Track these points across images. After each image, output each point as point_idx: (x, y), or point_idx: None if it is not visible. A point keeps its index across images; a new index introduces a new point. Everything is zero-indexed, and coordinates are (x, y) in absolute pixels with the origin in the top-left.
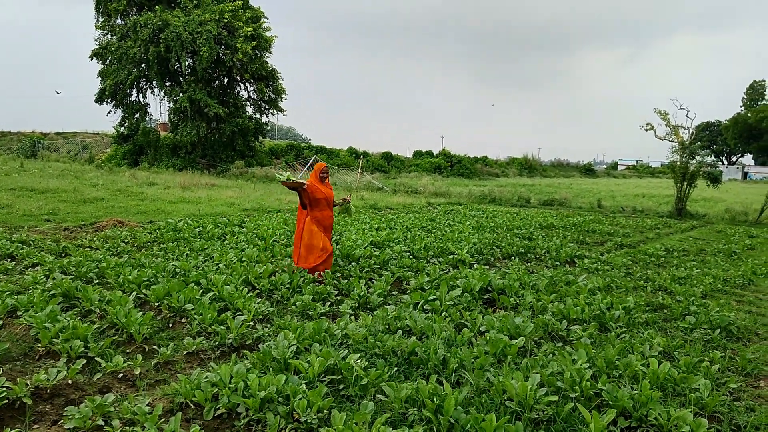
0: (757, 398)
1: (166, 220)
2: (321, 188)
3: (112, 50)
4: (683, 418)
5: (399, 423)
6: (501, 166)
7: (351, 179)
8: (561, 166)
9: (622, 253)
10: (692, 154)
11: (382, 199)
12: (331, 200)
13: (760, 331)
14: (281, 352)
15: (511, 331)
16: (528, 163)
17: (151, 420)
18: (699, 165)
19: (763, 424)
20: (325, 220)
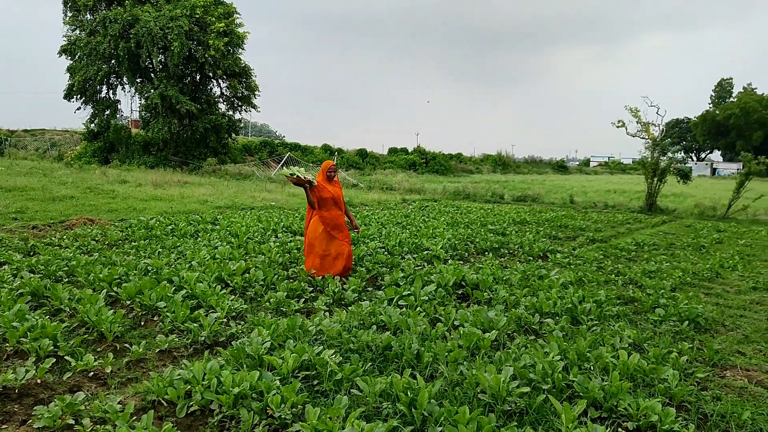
0: (724, 387)
1: (138, 218)
2: (328, 187)
3: (81, 46)
4: (652, 407)
5: (373, 417)
6: (475, 163)
7: None
8: (534, 163)
9: (594, 248)
10: (663, 151)
11: (357, 196)
12: (340, 199)
13: (727, 323)
14: (255, 349)
15: (484, 324)
16: (502, 160)
17: (123, 418)
18: (669, 161)
19: (728, 413)
20: (333, 219)
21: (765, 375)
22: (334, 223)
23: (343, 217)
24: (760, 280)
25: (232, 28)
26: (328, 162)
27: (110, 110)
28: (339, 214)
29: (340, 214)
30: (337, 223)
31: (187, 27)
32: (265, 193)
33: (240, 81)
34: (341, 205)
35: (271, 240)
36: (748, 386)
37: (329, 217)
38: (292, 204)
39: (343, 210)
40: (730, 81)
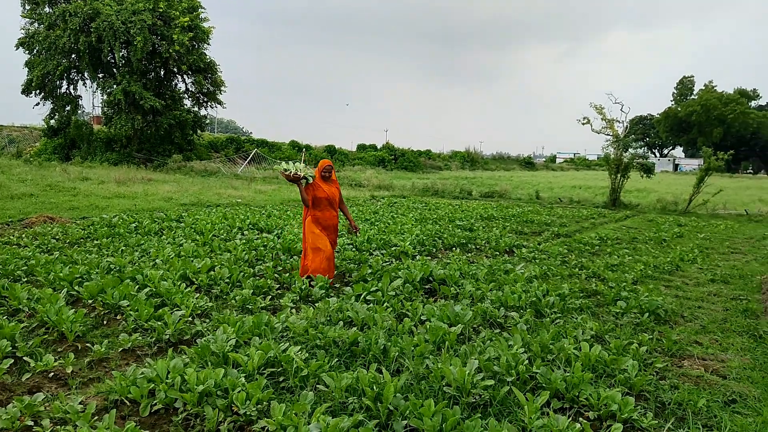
0: (681, 377)
1: (101, 216)
2: (323, 186)
3: (40, 39)
4: (612, 397)
5: (339, 412)
6: (444, 160)
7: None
8: (502, 160)
9: (559, 243)
10: (625, 147)
11: None
12: (335, 200)
13: (686, 314)
14: (220, 346)
15: (450, 319)
16: (470, 157)
17: (84, 418)
18: (632, 157)
19: (685, 401)
20: (326, 220)
21: (720, 364)
22: (327, 224)
23: (337, 219)
24: (718, 273)
25: (196, 23)
26: (325, 161)
27: (71, 106)
28: (333, 216)
29: (335, 215)
30: (330, 224)
31: (150, 21)
32: (231, 190)
33: (205, 76)
34: (336, 206)
35: (237, 237)
36: (704, 375)
37: (322, 218)
38: (258, 201)
39: (338, 212)
40: (691, 79)
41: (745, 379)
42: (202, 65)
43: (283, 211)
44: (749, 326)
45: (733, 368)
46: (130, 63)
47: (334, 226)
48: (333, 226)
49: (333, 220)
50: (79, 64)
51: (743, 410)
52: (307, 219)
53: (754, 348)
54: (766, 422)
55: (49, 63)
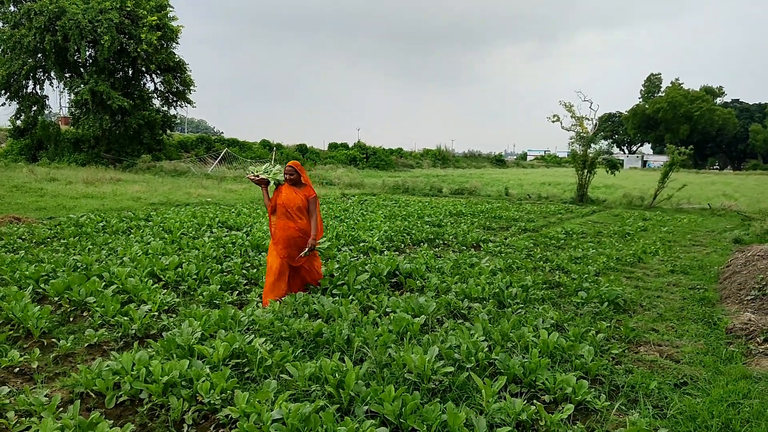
0: (636, 362)
1: (68, 216)
2: (283, 192)
3: (4, 39)
4: (567, 380)
5: (302, 399)
6: (416, 158)
7: None
8: (473, 157)
9: (525, 237)
10: (590, 143)
11: None
12: (292, 208)
13: (644, 303)
14: (185, 339)
15: (414, 310)
16: (441, 155)
17: (49, 410)
18: (597, 153)
19: (638, 383)
20: (279, 230)
21: (675, 349)
22: (279, 235)
23: (296, 231)
24: (678, 264)
25: (165, 22)
26: (291, 162)
27: (38, 106)
28: (288, 227)
29: (291, 227)
30: (281, 236)
31: (117, 20)
32: (202, 189)
33: (174, 76)
34: (295, 215)
35: (205, 235)
36: (658, 359)
37: (276, 228)
38: (228, 200)
39: (300, 224)
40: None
41: (697, 363)
42: (171, 64)
43: (253, 209)
44: (705, 314)
45: (686, 353)
46: (98, 62)
47: (288, 239)
48: (287, 239)
49: (287, 232)
50: (45, 63)
51: (693, 391)
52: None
53: (708, 334)
54: (714, 402)
55: (15, 63)
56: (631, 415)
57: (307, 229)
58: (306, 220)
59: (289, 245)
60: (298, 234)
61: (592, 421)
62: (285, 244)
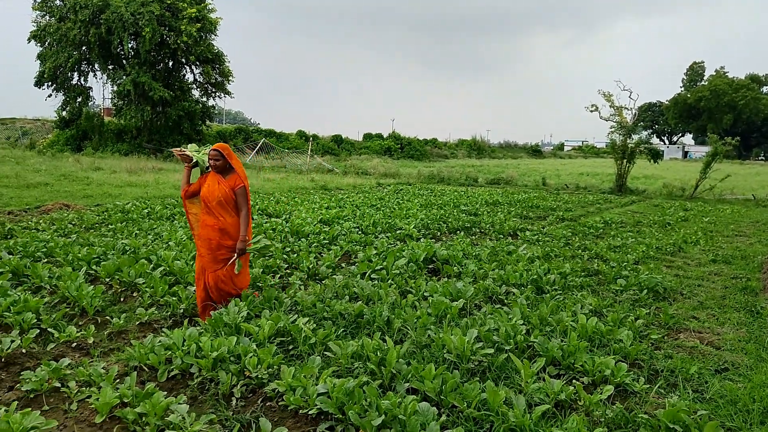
0: (676, 347)
1: (114, 203)
2: (209, 180)
3: (51, 32)
4: (606, 363)
5: (345, 375)
6: (450, 148)
7: (301, 162)
8: (509, 148)
9: (563, 226)
10: (629, 133)
11: (333, 181)
12: (212, 202)
13: (685, 291)
14: (232, 318)
15: (453, 294)
16: (477, 145)
17: (107, 380)
18: (638, 142)
19: (678, 368)
20: (201, 226)
21: (716, 336)
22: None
23: (214, 232)
24: (720, 254)
25: (204, 14)
26: (217, 145)
27: (82, 97)
28: (207, 224)
29: (211, 225)
30: (201, 233)
31: (158, 12)
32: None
33: (213, 67)
34: (216, 211)
35: None
36: (698, 346)
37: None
38: (267, 189)
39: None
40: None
41: (738, 350)
42: (209, 56)
43: (291, 197)
44: (747, 303)
45: (727, 340)
46: (139, 54)
47: (205, 237)
48: (205, 237)
49: (204, 230)
50: (89, 55)
51: (734, 377)
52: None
53: (751, 323)
54: (755, 387)
55: (61, 55)
56: (671, 398)
57: (231, 229)
58: (230, 218)
59: (208, 246)
60: (217, 235)
61: (631, 403)
62: (204, 243)
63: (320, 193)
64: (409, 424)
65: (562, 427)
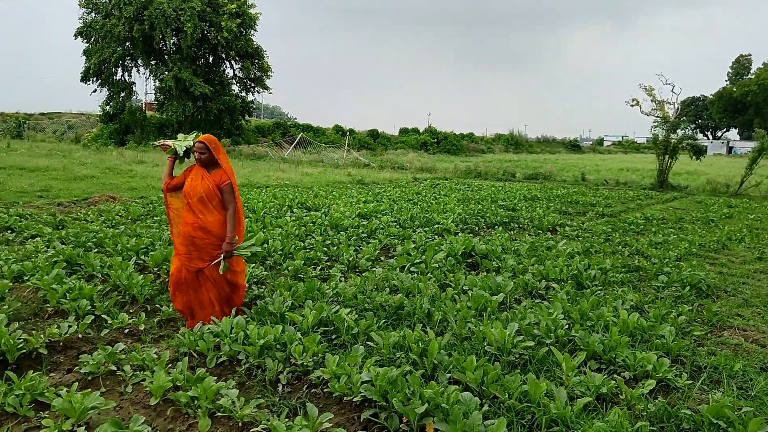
0: (720, 345)
1: (158, 195)
2: (192, 174)
3: (97, 28)
4: (648, 359)
5: (387, 364)
6: (487, 143)
7: (338, 156)
8: (547, 142)
9: (603, 222)
10: (674, 128)
11: (369, 175)
12: (194, 198)
13: (729, 289)
14: (277, 307)
15: (492, 289)
16: (514, 140)
17: (160, 365)
18: (681, 138)
19: (722, 365)
20: (181, 222)
21: (761, 334)
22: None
23: (195, 230)
24: (766, 251)
25: (244, 9)
26: (204, 137)
27: (125, 92)
28: (187, 221)
29: (191, 223)
30: (180, 230)
31: (199, 8)
32: (279, 172)
33: (252, 62)
34: (197, 208)
35: (287, 215)
36: (743, 343)
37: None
38: (305, 183)
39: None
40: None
41: None
42: (249, 51)
43: (329, 191)
44: None
45: None
46: (181, 50)
47: (186, 235)
48: (185, 234)
49: (185, 228)
50: (132, 51)
51: None
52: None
53: None
54: None
55: (106, 51)
56: (714, 394)
57: (213, 228)
58: (211, 216)
59: (187, 243)
60: (198, 233)
61: (673, 398)
62: (183, 239)
63: (357, 187)
64: (452, 412)
65: (603, 420)
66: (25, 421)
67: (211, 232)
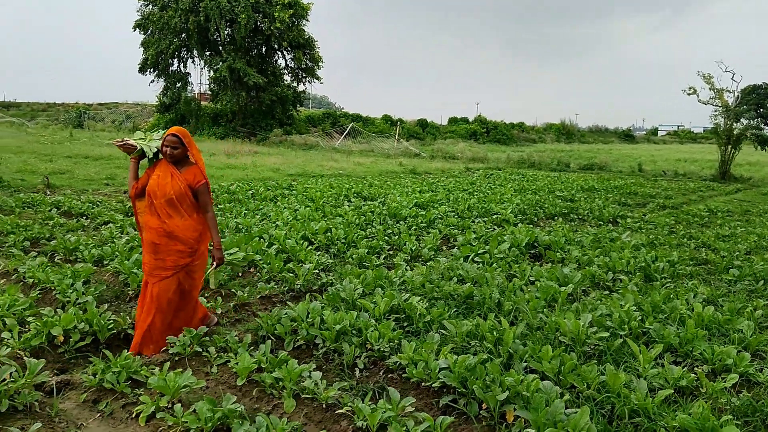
0: None
1: (219, 184)
2: (157, 170)
3: (154, 20)
4: (727, 352)
5: (461, 352)
6: (538, 132)
7: (388, 146)
8: (599, 132)
9: (665, 214)
10: (737, 117)
11: (420, 165)
12: (161, 199)
13: None
14: (349, 294)
15: (560, 280)
16: (565, 129)
17: (243, 347)
18: (745, 128)
19: None
20: (146, 230)
21: None
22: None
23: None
24: None
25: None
26: (170, 129)
27: (181, 83)
28: (152, 225)
29: (156, 227)
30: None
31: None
32: (332, 162)
33: (304, 52)
34: (165, 210)
35: (344, 204)
36: None
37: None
38: (358, 172)
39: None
40: None
41: None
42: (301, 41)
43: (383, 181)
44: None
45: None
46: (235, 41)
47: (148, 242)
48: (147, 242)
49: (148, 234)
50: (188, 42)
51: None
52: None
53: None
54: None
55: (162, 42)
56: None
57: (182, 233)
58: (180, 220)
59: (150, 250)
60: (163, 240)
61: (756, 393)
62: (146, 247)
63: (410, 177)
64: (533, 400)
65: (686, 412)
66: (123, 397)
67: (179, 237)
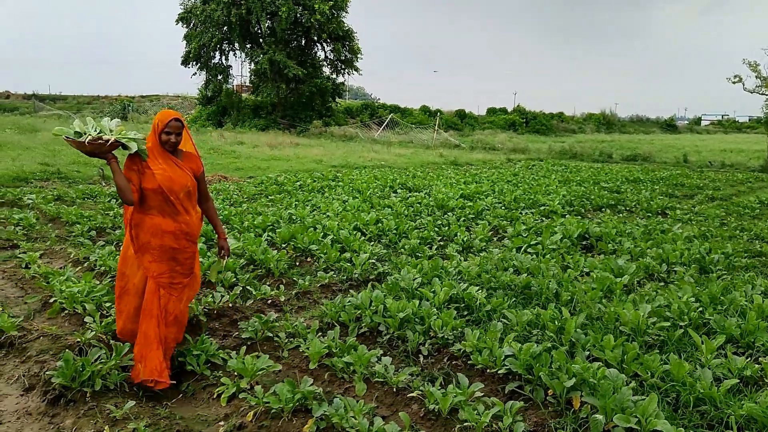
0: None
1: (266, 176)
2: (160, 164)
3: (197, 14)
4: None
5: (524, 341)
6: (578, 123)
7: (426, 137)
8: (640, 122)
9: (714, 206)
10: None
11: (461, 156)
12: (179, 194)
13: None
14: (408, 283)
15: (614, 271)
16: (606, 119)
17: (312, 332)
18: None
19: None
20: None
21: None
22: (164, 244)
23: (181, 235)
24: None
25: None
26: (167, 113)
27: (223, 75)
28: (180, 225)
29: (186, 225)
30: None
31: None
32: (373, 153)
33: (343, 44)
34: (188, 203)
35: (391, 195)
36: None
37: (153, 230)
38: (399, 164)
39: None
40: None
41: None
42: (340, 33)
43: (426, 172)
44: None
45: None
46: (275, 33)
47: (165, 249)
48: (162, 249)
49: (163, 239)
50: (230, 35)
51: None
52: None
53: None
54: None
55: (205, 35)
56: None
57: (195, 230)
58: (195, 215)
59: (171, 257)
60: (182, 243)
61: None
62: (159, 254)
63: (452, 168)
64: (600, 387)
65: (752, 401)
66: (202, 379)
67: (194, 235)
